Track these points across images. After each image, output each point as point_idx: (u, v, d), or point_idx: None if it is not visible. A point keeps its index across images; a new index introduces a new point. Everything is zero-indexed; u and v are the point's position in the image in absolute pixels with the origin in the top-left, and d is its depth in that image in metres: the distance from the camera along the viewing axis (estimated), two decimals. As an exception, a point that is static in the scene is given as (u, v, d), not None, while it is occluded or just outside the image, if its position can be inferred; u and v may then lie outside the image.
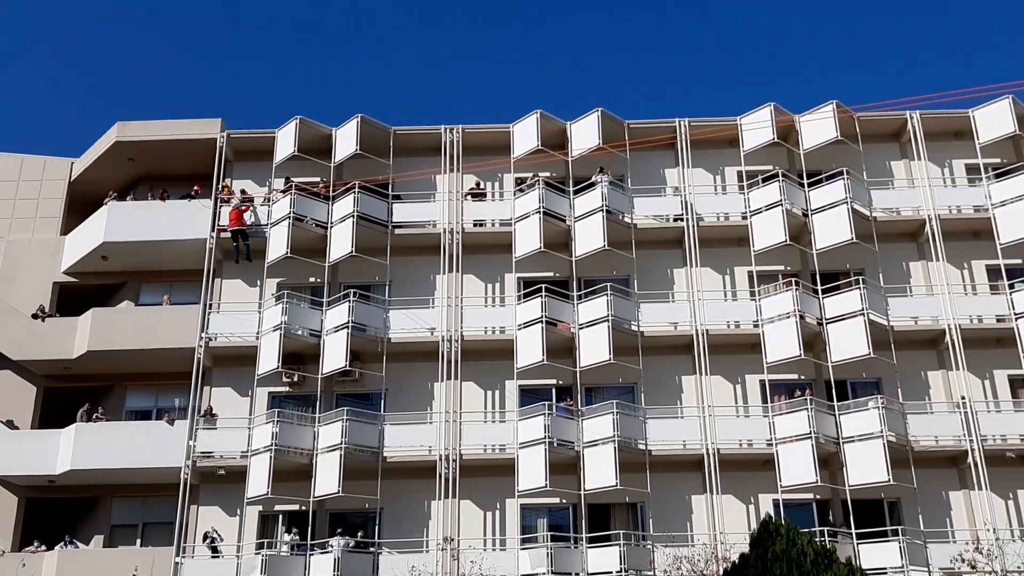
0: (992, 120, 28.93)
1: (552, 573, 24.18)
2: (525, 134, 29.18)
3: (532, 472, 25.16)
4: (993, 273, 28.39)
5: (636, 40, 76.96)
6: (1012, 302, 27.26)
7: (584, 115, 29.29)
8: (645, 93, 73.96)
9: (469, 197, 29.40)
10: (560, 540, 25.43)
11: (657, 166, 29.98)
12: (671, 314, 27.81)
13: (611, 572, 24.28)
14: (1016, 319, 26.99)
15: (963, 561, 23.19)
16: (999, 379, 27.34)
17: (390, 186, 29.31)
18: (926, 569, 24.23)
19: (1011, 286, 27.64)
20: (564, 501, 26.20)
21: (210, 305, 28.21)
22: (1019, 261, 28.33)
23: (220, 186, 29.35)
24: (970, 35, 74.17)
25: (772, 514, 23.75)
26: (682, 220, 28.63)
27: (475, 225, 29.00)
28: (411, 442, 26.34)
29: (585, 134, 29.04)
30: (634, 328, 27.07)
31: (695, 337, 27.31)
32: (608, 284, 27.05)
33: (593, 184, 28.35)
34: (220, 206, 28.99)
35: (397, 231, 28.63)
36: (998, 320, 27.43)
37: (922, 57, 74.93)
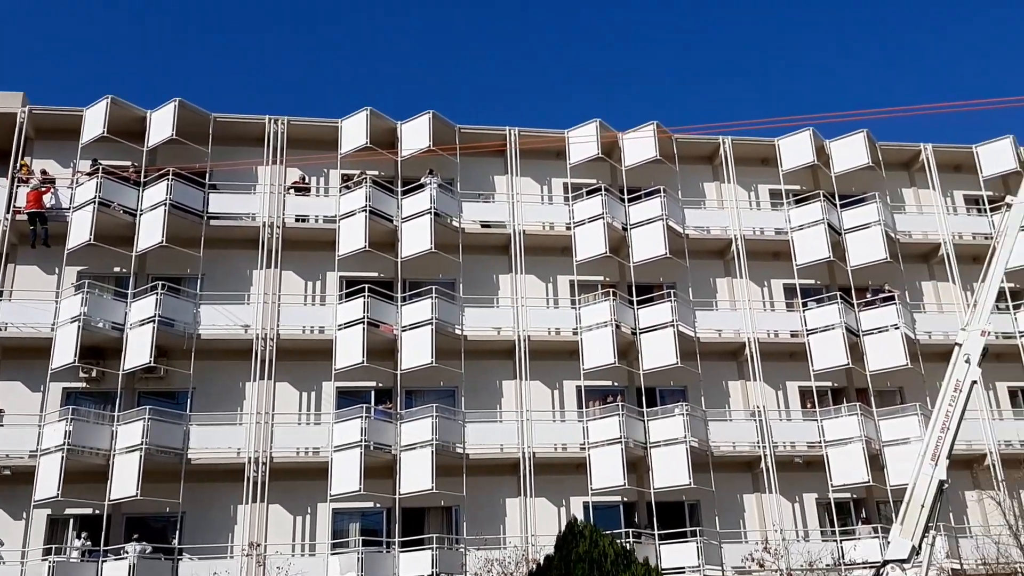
0: (794, 150, 31.15)
1: (363, 578, 23.82)
2: (354, 130, 28.68)
3: (346, 476, 24.67)
4: (789, 291, 30.55)
5: (473, 47, 77.65)
6: (805, 319, 29.43)
7: (415, 116, 29.15)
8: (478, 100, 74.72)
9: (292, 191, 28.56)
10: (373, 545, 25.08)
11: (487, 173, 30.26)
12: (495, 319, 28.10)
13: (422, 576, 24.21)
14: (808, 335, 29.13)
15: (753, 560, 24.77)
16: (791, 390, 29.43)
17: (207, 175, 27.96)
18: (720, 568, 25.64)
19: (804, 304, 29.87)
20: (378, 505, 25.88)
21: (1, 292, 25.95)
22: (813, 281, 30.63)
23: (18, 164, 27.05)
24: (777, 68, 79.79)
25: (581, 516, 24.64)
26: (508, 227, 29.03)
27: (297, 220, 28.19)
28: (218, 444, 25.19)
29: (416, 135, 28.90)
30: (458, 332, 27.15)
31: (517, 342, 27.72)
32: (433, 287, 27.00)
33: (422, 186, 28.24)
34: (17, 186, 26.72)
35: (213, 222, 27.35)
36: (792, 335, 29.51)
37: (736, 85, 79.81)
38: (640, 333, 28.02)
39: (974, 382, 20.14)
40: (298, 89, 72.11)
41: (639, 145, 29.85)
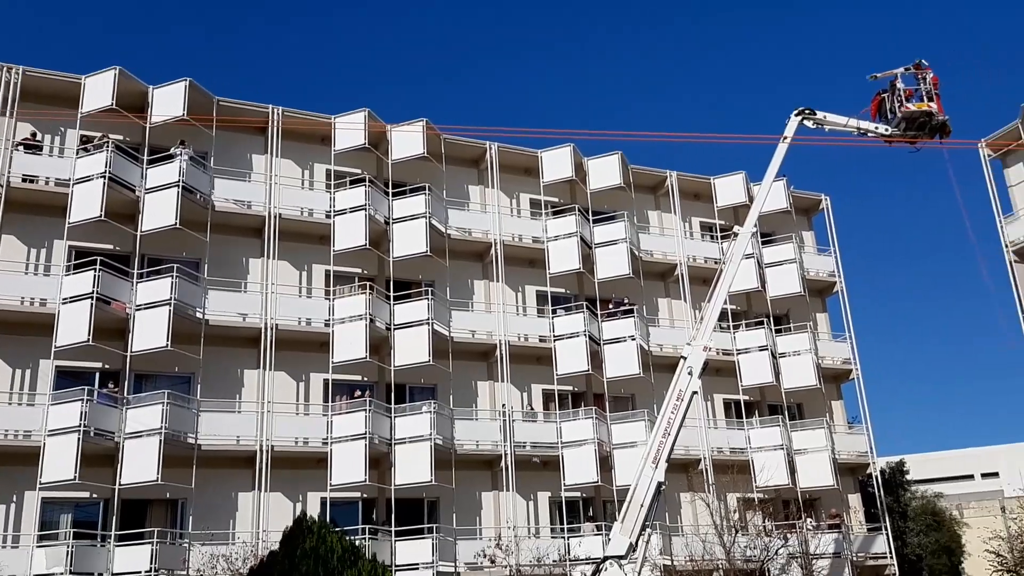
0: (555, 163, 32.37)
1: (72, 573, 21.84)
2: (99, 89, 26.27)
3: (60, 463, 22.48)
4: (542, 298, 31.67)
5: (239, 22, 74.35)
6: (553, 325, 30.61)
7: (171, 82, 27.23)
8: (241, 76, 71.51)
9: (21, 148, 25.73)
10: (86, 538, 23.05)
11: (245, 151, 28.89)
12: (241, 304, 26.83)
13: (140, 572, 22.58)
14: (555, 340, 30.31)
15: (485, 556, 25.33)
16: (535, 392, 30.50)
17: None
18: (453, 564, 26.00)
19: (554, 311, 31.08)
20: (95, 496, 23.86)
21: None
22: (563, 290, 31.96)
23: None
24: (538, 87, 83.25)
25: (318, 513, 24.07)
26: (264, 209, 27.86)
27: (24, 180, 25.39)
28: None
29: (169, 102, 26.96)
30: (199, 315, 25.64)
31: (264, 330, 26.64)
32: (175, 265, 25.30)
33: (171, 156, 26.42)
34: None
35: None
36: (541, 340, 30.59)
37: (504, 99, 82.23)
38: (395, 329, 27.87)
39: (695, 393, 21.76)
40: (37, 39, 65.48)
41: (407, 140, 29.73)
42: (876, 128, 24.13)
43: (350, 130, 29.18)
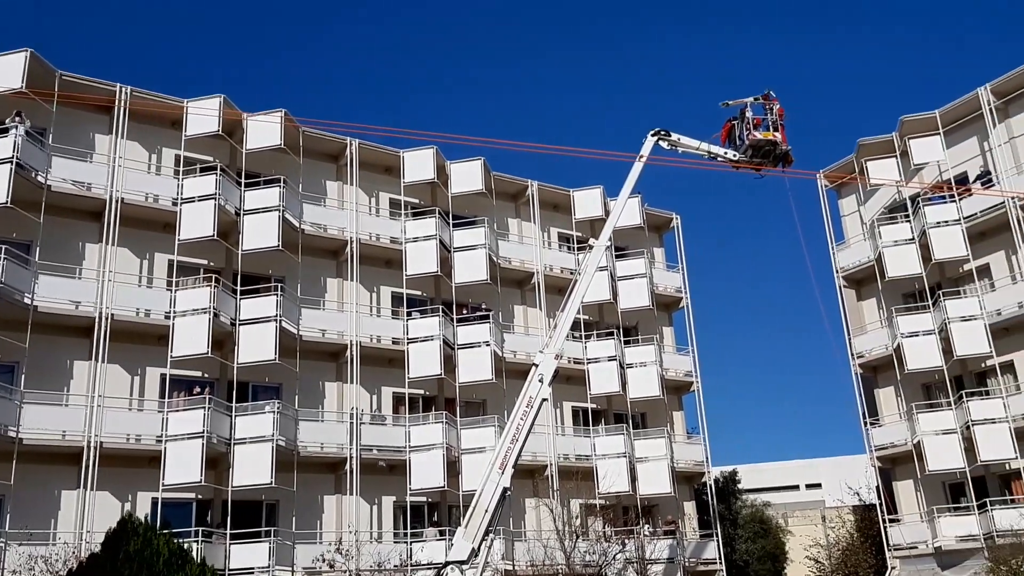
0: (417, 164, 32.12)
1: None
2: (-77, 51, 24.15)
3: None
4: (397, 300, 31.35)
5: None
6: (407, 328, 30.34)
7: (9, 52, 25.30)
8: (90, 53, 67.58)
9: None
10: None
11: (88, 130, 27.22)
12: (74, 291, 25.24)
13: (-57, 576, 20.82)
14: (408, 343, 30.05)
15: (324, 561, 24.76)
16: (385, 395, 30.13)
17: None
18: (291, 569, 25.28)
19: (409, 314, 30.83)
20: None
21: None
22: (419, 292, 31.76)
23: None
24: (403, 89, 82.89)
25: (148, 513, 22.87)
26: (105, 192, 26.31)
27: None
28: None
29: (6, 72, 25.02)
30: (27, 301, 23.89)
31: (97, 320, 25.12)
32: (3, 247, 23.44)
33: (6, 130, 24.55)
34: None
35: None
36: (394, 342, 30.25)
37: (366, 95, 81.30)
38: (240, 325, 26.89)
39: (544, 400, 21.99)
40: None
41: (264, 130, 28.79)
42: (725, 153, 25.16)
43: (203, 116, 27.97)
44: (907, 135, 33.62)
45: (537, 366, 22.19)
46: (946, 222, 32.16)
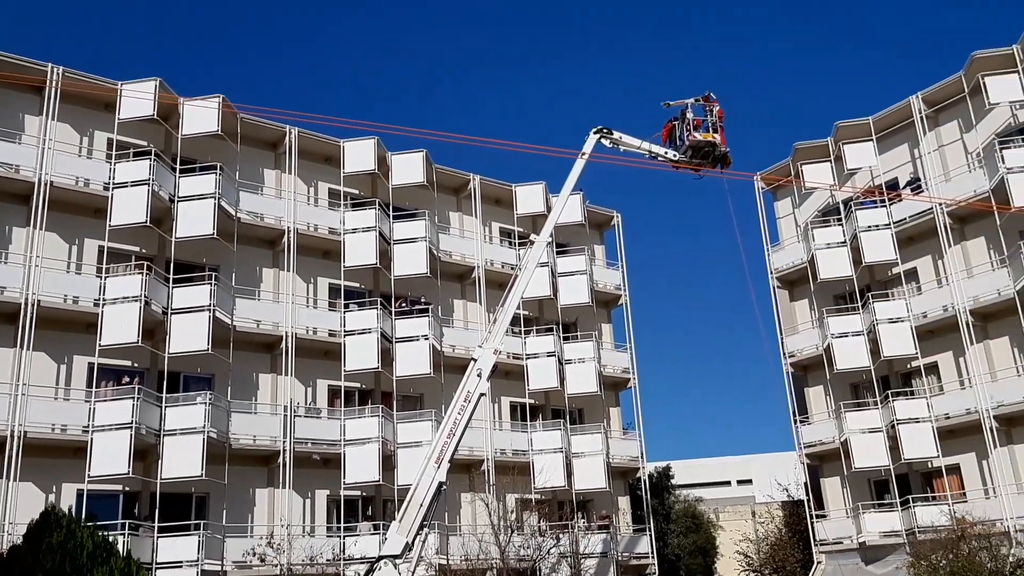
0: (358, 154, 31.78)
1: None
2: None
3: None
4: (334, 291, 31.00)
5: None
6: (345, 320, 30.03)
7: (-70, 24, 24.36)
8: (22, 31, 65.48)
9: None
10: None
11: (16, 111, 26.30)
12: (1, 276, 24.41)
13: None
14: (345, 335, 29.74)
15: (254, 554, 24.39)
16: (320, 388, 29.78)
17: None
18: (220, 562, 24.84)
19: (347, 306, 30.52)
20: None
21: None
22: (358, 284, 31.46)
23: None
24: (346, 77, 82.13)
25: (73, 505, 22.25)
26: (33, 175, 25.45)
27: None
28: None
29: (-73, 46, 24.12)
30: (-55, 285, 23.04)
31: (23, 307, 24.30)
32: (-79, 228, 22.61)
33: (-75, 107, 23.62)
34: None
35: None
36: (330, 334, 29.91)
37: (307, 81, 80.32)
38: (172, 314, 26.30)
39: (483, 394, 21.93)
40: None
41: (201, 115, 28.16)
42: (665, 153, 25.37)
43: (138, 99, 27.25)
44: (842, 140, 34.41)
45: (476, 361, 22.11)
46: (876, 226, 33.02)
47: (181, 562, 24.06)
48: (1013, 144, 29.92)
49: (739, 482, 70.55)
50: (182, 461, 24.80)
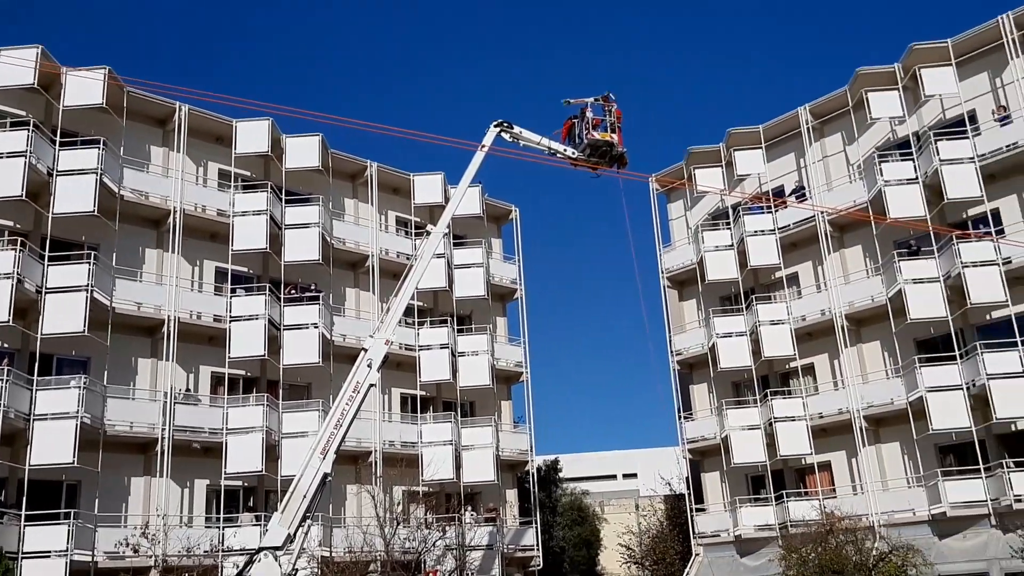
0: (251, 135, 30.84)
1: None
2: None
3: None
4: (221, 275, 30.05)
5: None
6: (231, 305, 29.17)
7: None
8: None
9: None
10: None
11: None
12: None
13: None
14: (231, 321, 28.89)
15: (128, 545, 23.48)
16: (204, 374, 28.88)
17: None
18: (91, 552, 23.82)
19: (234, 291, 29.64)
20: None
21: None
22: (246, 269, 30.62)
23: None
24: (239, 56, 79.90)
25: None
26: None
27: None
28: None
29: None
30: None
31: None
32: None
33: None
34: None
35: None
36: (215, 319, 29.02)
37: (197, 59, 77.71)
38: (47, 293, 25.03)
39: (372, 385, 21.61)
40: None
41: (85, 87, 26.82)
42: (564, 150, 25.52)
43: (17, 67, 25.73)
44: (733, 147, 35.46)
45: (367, 351, 21.75)
46: (762, 231, 34.17)
47: (49, 552, 22.96)
48: (891, 158, 31.43)
49: (624, 476, 72.07)
50: (53, 447, 23.65)
